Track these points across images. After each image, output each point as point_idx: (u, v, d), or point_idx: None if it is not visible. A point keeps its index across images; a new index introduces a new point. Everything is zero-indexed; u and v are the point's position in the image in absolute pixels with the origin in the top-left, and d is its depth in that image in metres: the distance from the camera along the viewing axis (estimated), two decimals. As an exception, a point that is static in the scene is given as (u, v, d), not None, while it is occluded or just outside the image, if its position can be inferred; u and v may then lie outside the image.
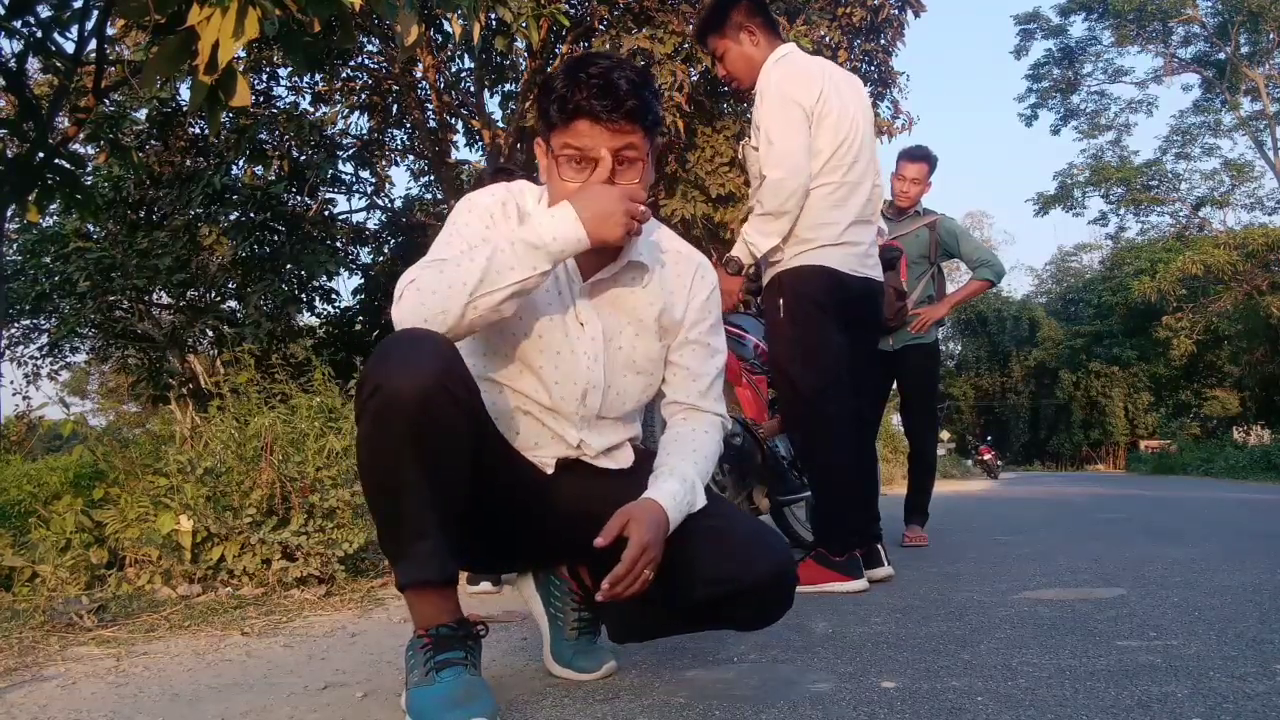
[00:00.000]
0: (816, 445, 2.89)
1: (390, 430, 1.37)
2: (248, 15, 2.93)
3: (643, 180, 1.55)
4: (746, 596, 1.54)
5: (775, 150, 2.76)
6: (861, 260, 2.92)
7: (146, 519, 2.91)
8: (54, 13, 4.56)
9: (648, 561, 1.46)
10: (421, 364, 1.37)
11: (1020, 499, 10.40)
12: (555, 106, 1.52)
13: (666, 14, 8.78)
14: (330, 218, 12.29)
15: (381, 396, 1.37)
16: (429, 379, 1.36)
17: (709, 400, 1.72)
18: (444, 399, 1.38)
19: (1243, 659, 1.76)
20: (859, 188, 2.90)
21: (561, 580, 1.77)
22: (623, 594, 1.45)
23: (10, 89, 4.90)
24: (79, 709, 1.61)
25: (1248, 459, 20.87)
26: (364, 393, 1.39)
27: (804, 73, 2.86)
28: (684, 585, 1.53)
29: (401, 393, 1.35)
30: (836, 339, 2.86)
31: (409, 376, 1.36)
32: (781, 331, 2.91)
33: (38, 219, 5.40)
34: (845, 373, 2.86)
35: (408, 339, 1.41)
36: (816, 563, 2.79)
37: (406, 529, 1.42)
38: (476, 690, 1.40)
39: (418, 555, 1.42)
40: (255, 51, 9.60)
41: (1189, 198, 35.27)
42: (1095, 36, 34.21)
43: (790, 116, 2.77)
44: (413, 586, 1.44)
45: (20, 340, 13.42)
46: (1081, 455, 38.12)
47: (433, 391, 1.36)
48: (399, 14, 3.40)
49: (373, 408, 1.38)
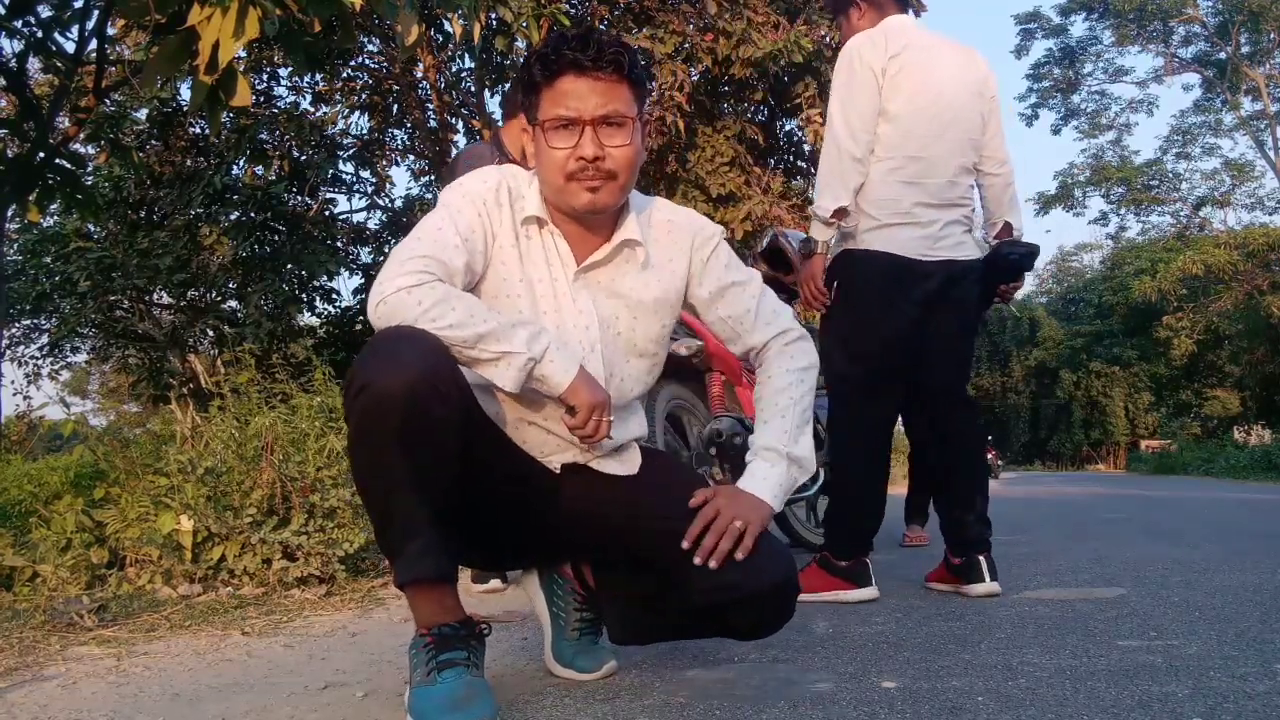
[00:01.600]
0: (849, 445, 2.72)
1: (378, 428, 1.37)
2: (248, 15, 2.93)
3: (633, 144, 1.52)
4: (746, 605, 1.54)
5: (833, 120, 2.62)
6: (935, 242, 2.63)
7: (147, 519, 2.91)
8: (54, 12, 4.56)
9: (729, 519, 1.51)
10: (408, 361, 1.36)
11: (1021, 499, 10.39)
12: (539, 66, 1.51)
13: (667, 14, 8.77)
14: (331, 218, 12.28)
15: (369, 394, 1.36)
16: (415, 376, 1.35)
17: (771, 327, 1.71)
18: (431, 395, 1.36)
19: (1243, 659, 1.76)
20: (937, 168, 2.62)
21: (565, 579, 1.77)
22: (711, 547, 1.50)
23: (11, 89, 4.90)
24: (79, 709, 1.61)
25: (1248, 459, 20.85)
26: (351, 390, 1.39)
27: (883, 31, 2.63)
28: (684, 588, 1.54)
29: (389, 390, 1.34)
30: (896, 333, 2.64)
31: (396, 374, 1.35)
32: (835, 319, 2.70)
33: (38, 219, 5.40)
34: (895, 372, 2.68)
35: (395, 337, 1.40)
36: (821, 568, 2.65)
37: (399, 527, 1.42)
38: (477, 691, 1.40)
39: (412, 553, 1.41)
40: (256, 51, 9.59)
41: (1189, 197, 35.30)
42: (1096, 36, 34.24)
43: (854, 81, 2.59)
44: (410, 584, 1.44)
45: (21, 340, 13.42)
46: (1082, 455, 38.08)
47: (420, 388, 1.35)
48: (399, 14, 3.40)
49: (360, 405, 1.37)
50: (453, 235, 1.50)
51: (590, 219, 1.57)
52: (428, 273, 1.43)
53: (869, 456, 2.72)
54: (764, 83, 9.03)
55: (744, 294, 1.70)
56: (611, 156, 1.50)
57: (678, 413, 3.59)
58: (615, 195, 1.53)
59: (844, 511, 2.73)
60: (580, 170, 1.49)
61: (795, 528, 3.87)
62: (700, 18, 8.60)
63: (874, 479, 2.73)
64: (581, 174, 1.49)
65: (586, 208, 1.52)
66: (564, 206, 1.55)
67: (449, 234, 1.50)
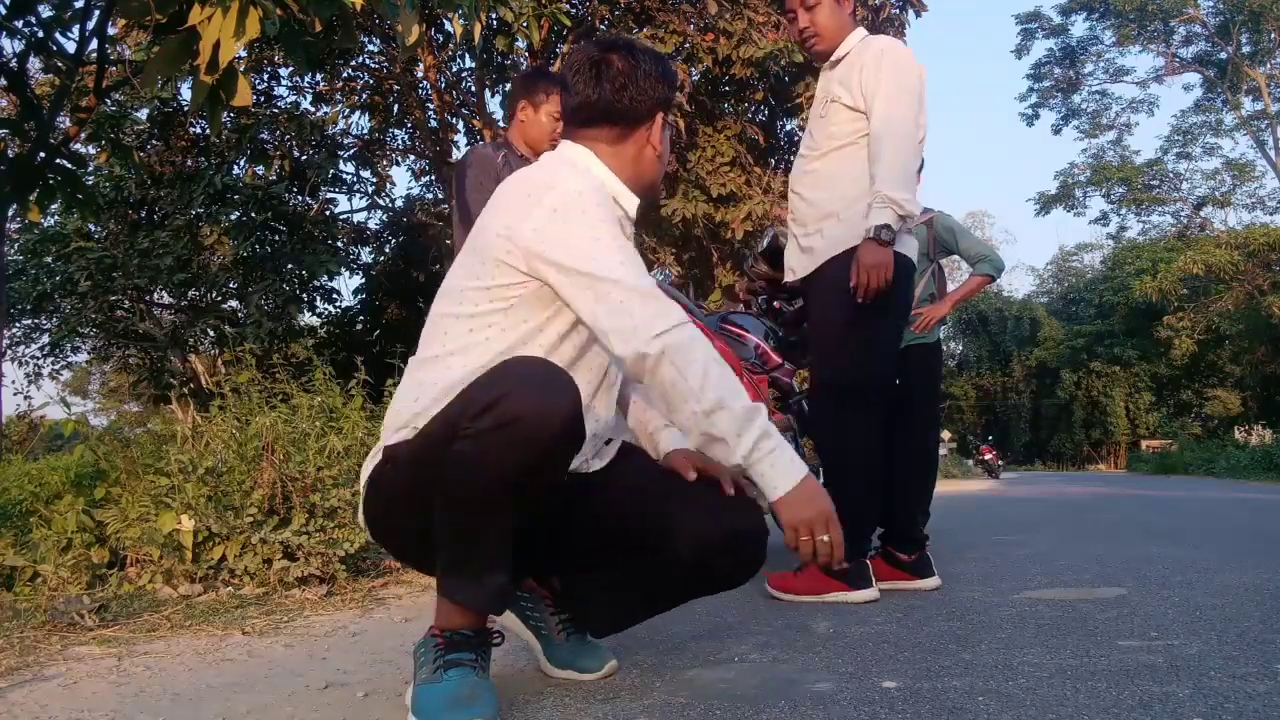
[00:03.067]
0: (848, 446, 2.69)
1: (510, 461, 1.33)
2: (249, 15, 2.94)
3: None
4: (734, 545, 1.55)
5: (905, 118, 2.56)
6: (914, 251, 2.76)
7: (148, 518, 2.91)
8: (55, 12, 4.57)
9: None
10: (564, 406, 1.34)
11: (1021, 499, 10.39)
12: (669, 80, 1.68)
13: (667, 13, 8.78)
14: (331, 217, 12.30)
15: (517, 427, 1.31)
16: (568, 425, 1.34)
17: None
18: (568, 447, 1.38)
19: (1244, 659, 1.76)
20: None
21: (529, 593, 1.76)
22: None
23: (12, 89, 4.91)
24: (80, 708, 1.61)
25: (1249, 459, 20.87)
26: (491, 415, 1.32)
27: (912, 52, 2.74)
28: (670, 543, 1.54)
29: (540, 431, 1.32)
30: (897, 336, 2.74)
31: (552, 416, 1.33)
32: (846, 318, 2.61)
33: (39, 219, 5.40)
34: (892, 373, 2.76)
35: (550, 373, 1.37)
36: (820, 570, 2.54)
37: (483, 559, 1.41)
38: (481, 691, 1.40)
39: (491, 586, 1.42)
40: (256, 51, 9.61)
41: (1190, 197, 35.29)
42: (1096, 36, 34.26)
43: (918, 89, 2.60)
44: (475, 610, 1.45)
45: (22, 340, 13.41)
46: (1083, 455, 38.10)
47: (565, 439, 1.36)
48: (400, 14, 3.40)
49: (504, 436, 1.32)
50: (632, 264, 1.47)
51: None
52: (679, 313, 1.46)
53: (869, 457, 2.71)
54: (765, 82, 9.04)
55: None
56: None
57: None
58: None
59: (843, 513, 2.71)
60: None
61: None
62: (701, 18, 8.62)
63: (873, 479, 2.71)
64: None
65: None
66: (653, 194, 1.70)
67: (631, 265, 1.46)
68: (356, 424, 3.53)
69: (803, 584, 2.60)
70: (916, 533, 2.93)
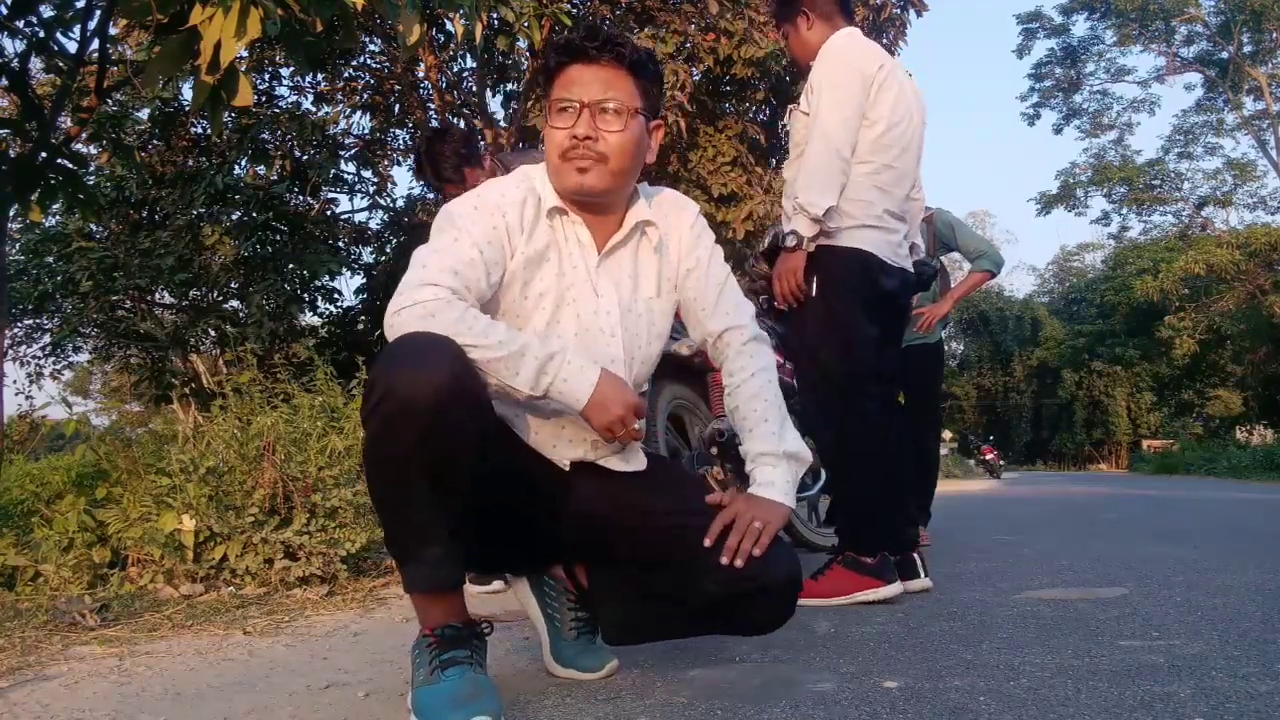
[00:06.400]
0: (849, 439, 2.69)
1: (401, 437, 1.35)
2: (250, 15, 2.93)
3: (628, 132, 1.56)
4: (761, 597, 1.55)
5: (824, 118, 2.63)
6: (896, 250, 2.78)
7: (149, 518, 2.91)
8: (56, 12, 4.56)
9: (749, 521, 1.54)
10: (435, 370, 1.35)
11: (1022, 498, 10.39)
12: (553, 53, 1.59)
13: (668, 14, 8.77)
14: (332, 217, 12.29)
15: (393, 401, 1.35)
16: (443, 387, 1.34)
17: (730, 317, 1.73)
18: (456, 404, 1.36)
19: (1245, 659, 1.75)
20: (903, 180, 2.76)
21: (556, 581, 1.77)
22: (735, 545, 1.52)
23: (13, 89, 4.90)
24: (81, 708, 1.61)
25: (1250, 459, 20.83)
26: (374, 396, 1.37)
27: (870, 45, 2.76)
28: (698, 583, 1.55)
29: (414, 399, 1.33)
30: (872, 330, 2.72)
31: (422, 383, 1.34)
32: (816, 315, 2.71)
33: (40, 219, 5.41)
34: (877, 364, 2.74)
35: (416, 342, 1.39)
36: (846, 568, 2.59)
37: (416, 535, 1.42)
38: (482, 688, 1.40)
39: (428, 561, 1.42)
40: (257, 51, 9.60)
41: (1191, 197, 35.22)
42: (1097, 36, 34.18)
43: (847, 82, 2.64)
44: (423, 592, 1.44)
45: (23, 340, 13.41)
46: (1084, 455, 38.07)
47: (446, 400, 1.34)
48: (401, 14, 3.40)
49: (383, 412, 1.36)
50: (469, 249, 1.50)
51: (587, 202, 1.60)
52: (442, 285, 1.44)
53: (873, 441, 2.69)
54: (766, 82, 9.03)
55: (712, 270, 1.74)
56: (605, 140, 1.54)
57: (679, 413, 3.59)
58: (605, 180, 1.56)
59: (858, 506, 2.71)
60: (572, 149, 1.54)
61: (797, 527, 3.87)
62: (702, 17, 8.61)
63: (882, 463, 2.70)
64: (573, 153, 1.54)
65: (574, 188, 1.56)
66: (559, 187, 1.60)
67: (465, 246, 1.51)
68: (358, 424, 3.53)
69: (826, 587, 2.58)
70: (906, 535, 2.86)
